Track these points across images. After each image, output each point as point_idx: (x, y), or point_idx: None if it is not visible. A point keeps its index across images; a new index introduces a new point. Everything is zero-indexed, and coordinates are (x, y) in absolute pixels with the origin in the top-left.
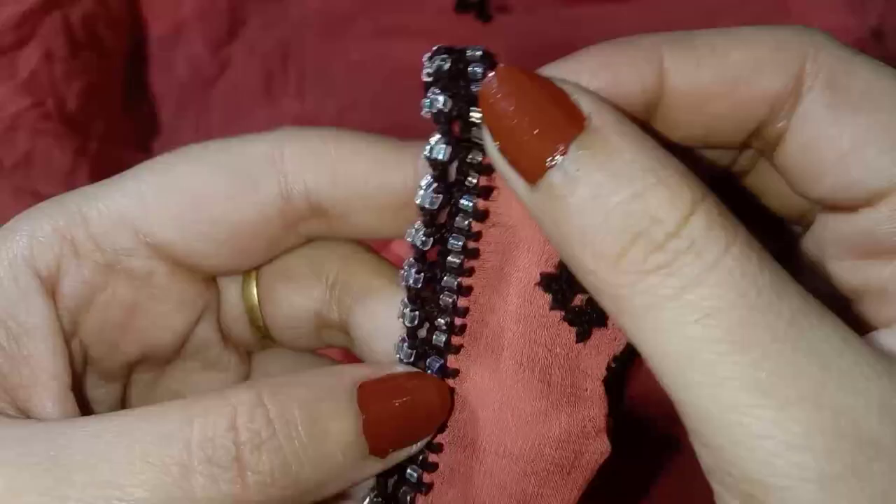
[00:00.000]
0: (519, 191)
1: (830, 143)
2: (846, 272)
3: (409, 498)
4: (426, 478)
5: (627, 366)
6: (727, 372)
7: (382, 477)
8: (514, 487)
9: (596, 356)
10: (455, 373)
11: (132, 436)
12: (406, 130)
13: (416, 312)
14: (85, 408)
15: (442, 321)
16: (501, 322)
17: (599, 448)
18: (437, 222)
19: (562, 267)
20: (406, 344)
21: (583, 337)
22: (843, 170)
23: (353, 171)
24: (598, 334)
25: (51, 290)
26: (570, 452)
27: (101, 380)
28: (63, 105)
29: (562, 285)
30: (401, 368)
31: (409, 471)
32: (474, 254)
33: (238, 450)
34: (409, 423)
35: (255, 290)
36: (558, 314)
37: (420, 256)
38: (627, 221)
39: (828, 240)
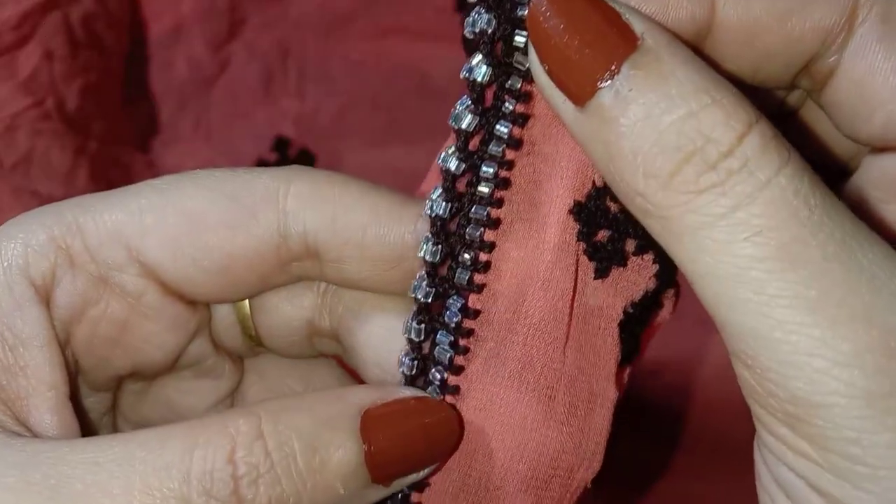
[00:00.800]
0: (565, 114)
1: (883, 77)
2: (893, 215)
3: None
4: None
5: (644, 320)
6: (776, 290)
7: None
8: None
9: (613, 296)
10: (455, 389)
11: (132, 466)
12: (405, 130)
13: (439, 246)
14: (81, 418)
15: (467, 256)
16: (531, 255)
17: (592, 465)
18: (470, 149)
19: (589, 198)
20: (426, 282)
21: (601, 274)
22: (895, 105)
23: (353, 218)
24: (616, 274)
25: (45, 299)
26: (564, 472)
27: (91, 390)
28: (63, 105)
29: (589, 216)
30: (408, 392)
31: None
32: (505, 184)
33: (236, 483)
34: (415, 452)
35: (246, 300)
36: (581, 246)
37: (450, 184)
38: (680, 141)
39: (874, 182)
